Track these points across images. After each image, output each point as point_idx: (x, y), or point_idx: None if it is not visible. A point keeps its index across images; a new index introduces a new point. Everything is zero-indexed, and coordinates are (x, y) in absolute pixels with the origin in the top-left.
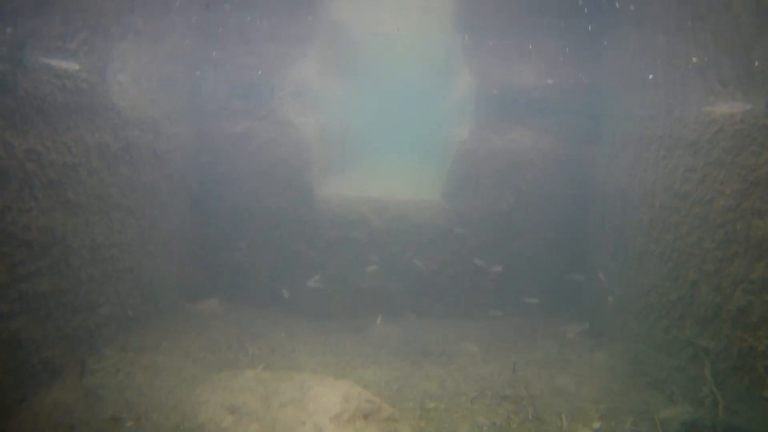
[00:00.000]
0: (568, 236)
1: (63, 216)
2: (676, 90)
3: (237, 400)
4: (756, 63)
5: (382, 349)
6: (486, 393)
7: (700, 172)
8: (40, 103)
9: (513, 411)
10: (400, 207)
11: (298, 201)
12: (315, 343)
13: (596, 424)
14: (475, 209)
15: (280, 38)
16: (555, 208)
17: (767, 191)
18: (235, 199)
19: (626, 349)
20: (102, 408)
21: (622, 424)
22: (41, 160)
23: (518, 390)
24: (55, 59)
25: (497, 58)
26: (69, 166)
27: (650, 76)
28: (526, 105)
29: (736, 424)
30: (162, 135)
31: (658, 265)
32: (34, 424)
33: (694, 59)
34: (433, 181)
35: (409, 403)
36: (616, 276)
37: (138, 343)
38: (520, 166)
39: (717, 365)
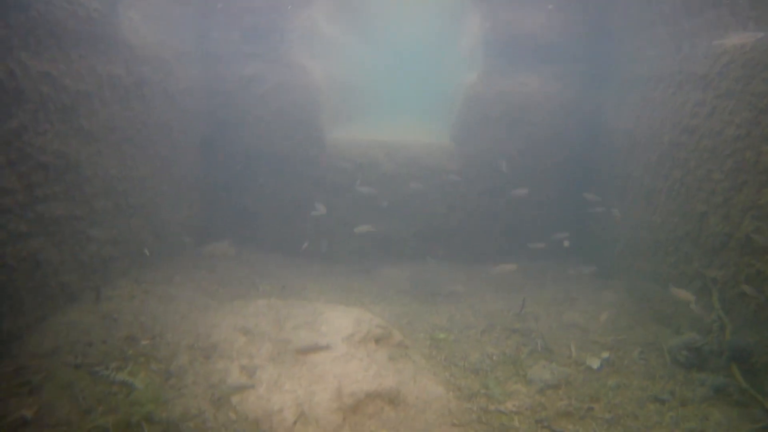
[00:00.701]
0: (576, 180)
1: (76, 143)
2: (686, 26)
3: (249, 323)
4: None
5: (390, 289)
6: (495, 327)
7: (710, 105)
8: (53, 27)
9: (522, 343)
10: (409, 150)
11: (307, 144)
12: (325, 282)
13: (605, 354)
14: (483, 153)
15: None
16: (563, 152)
17: None
18: (245, 142)
19: (634, 288)
20: (118, 329)
21: (630, 354)
22: (55, 84)
23: (527, 324)
24: None
25: (507, 1)
26: (82, 94)
27: (658, 14)
28: (534, 49)
29: (742, 344)
30: (173, 75)
31: (666, 202)
32: (53, 341)
33: None
34: (442, 131)
35: (419, 335)
36: (624, 217)
37: (151, 277)
38: (528, 109)
39: (724, 294)
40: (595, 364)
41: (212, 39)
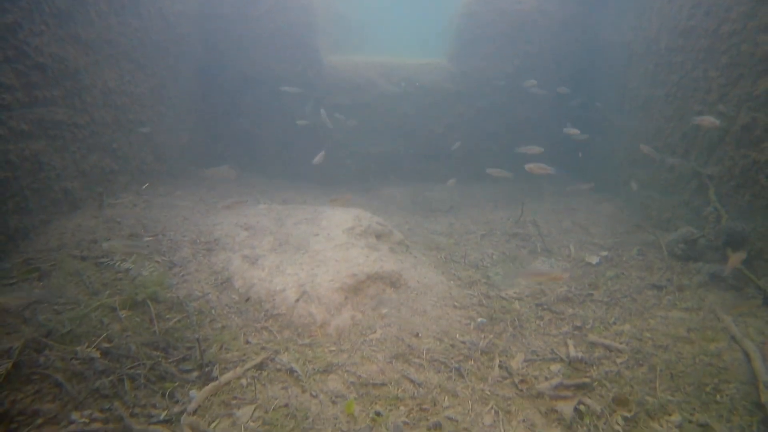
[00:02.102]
0: (574, 98)
1: (74, 51)
2: None
3: (251, 221)
4: None
5: (391, 205)
6: (495, 232)
7: (705, 4)
8: None
9: (522, 245)
10: (406, 70)
11: (305, 65)
12: (325, 198)
13: (604, 253)
14: (481, 71)
15: None
16: (560, 70)
17: None
18: (241, 66)
19: (632, 198)
20: (121, 230)
21: (629, 252)
22: None
23: (527, 230)
24: None
25: None
26: (77, 1)
27: None
28: None
29: (737, 229)
30: None
31: (663, 108)
32: (59, 239)
33: None
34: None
35: (420, 238)
36: (622, 130)
37: (152, 192)
38: (525, 27)
39: (720, 189)
40: (594, 260)
41: None
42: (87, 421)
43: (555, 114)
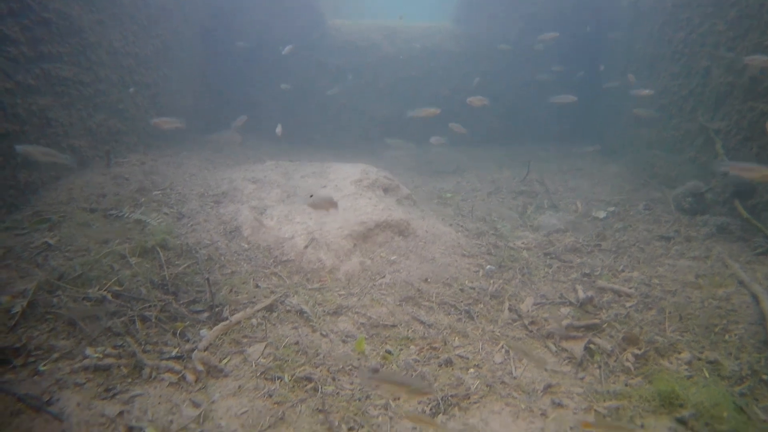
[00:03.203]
0: (579, 60)
1: (78, 8)
2: None
3: (258, 175)
4: None
5: (398, 166)
6: (501, 190)
7: None
8: None
9: (528, 202)
10: (411, 32)
11: (308, 28)
12: (331, 158)
13: (611, 208)
14: (486, 33)
15: None
16: (566, 33)
17: None
18: (245, 29)
19: (638, 158)
20: (129, 186)
21: (635, 207)
22: None
23: (533, 188)
24: None
25: None
26: None
27: None
28: None
29: (745, 180)
30: None
31: (670, 65)
32: (68, 194)
33: None
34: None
35: (427, 194)
36: (627, 90)
37: (158, 153)
38: None
39: (727, 142)
40: (601, 215)
41: None
42: (101, 356)
43: (560, 75)
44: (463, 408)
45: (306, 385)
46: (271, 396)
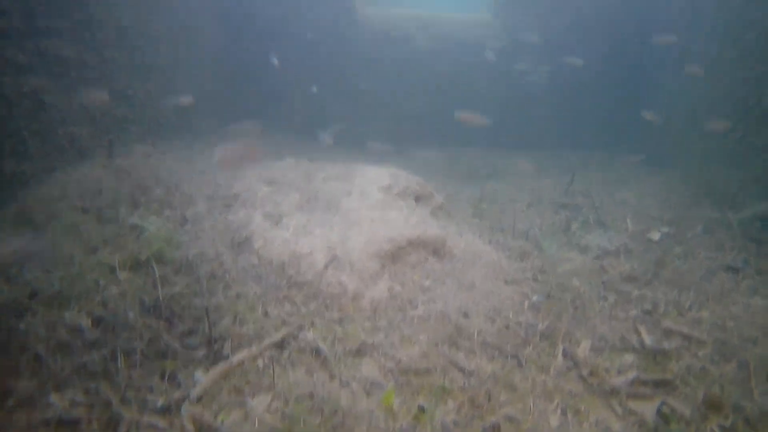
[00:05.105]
0: (627, 63)
1: None
2: None
3: (276, 175)
4: None
5: (427, 169)
6: (542, 201)
7: None
8: None
9: (572, 217)
10: (446, 24)
11: (338, 14)
12: (357, 157)
13: (665, 228)
14: (528, 27)
15: None
16: (615, 31)
17: None
18: (270, 13)
19: (691, 172)
20: (131, 181)
21: (693, 229)
22: None
23: (576, 200)
24: None
25: None
26: None
27: None
28: None
29: None
30: None
31: (734, 71)
32: (61, 190)
33: None
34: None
35: (461, 204)
36: (679, 96)
37: (169, 145)
38: None
39: None
40: (655, 236)
41: None
42: (67, 405)
43: (606, 77)
44: None
45: None
46: None
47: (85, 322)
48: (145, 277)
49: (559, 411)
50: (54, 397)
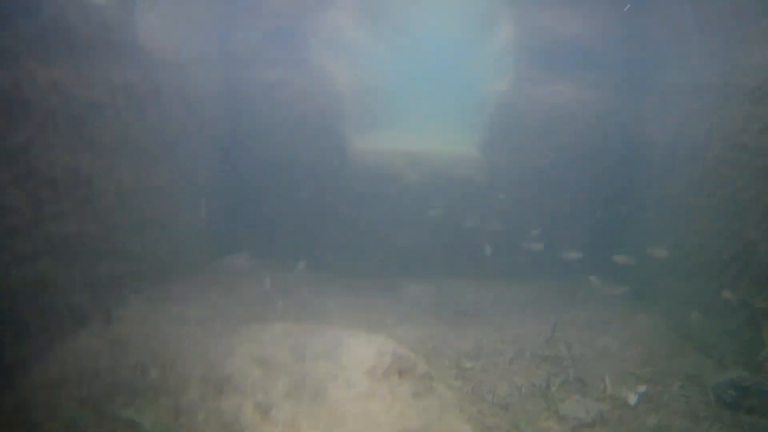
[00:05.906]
0: (610, 195)
1: (88, 157)
2: (736, 35)
3: (266, 352)
4: None
5: (415, 308)
6: (525, 353)
7: (762, 120)
8: (64, 35)
9: (553, 373)
10: (435, 161)
11: (330, 153)
12: (346, 301)
13: (641, 388)
14: (514, 164)
15: None
16: (596, 166)
17: None
18: (265, 150)
19: (671, 313)
20: (128, 356)
21: (669, 388)
22: (65, 95)
23: (558, 351)
24: None
25: (540, 6)
26: (94, 104)
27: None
28: (568, 56)
29: None
30: (191, 81)
31: (710, 223)
32: (60, 370)
33: None
34: (468, 139)
35: (445, 362)
36: (661, 236)
37: (165, 295)
38: (561, 119)
39: None
40: (631, 399)
41: (233, 42)
42: None
43: (589, 210)
44: None
45: None
46: None
47: None
48: None
49: None
50: None
